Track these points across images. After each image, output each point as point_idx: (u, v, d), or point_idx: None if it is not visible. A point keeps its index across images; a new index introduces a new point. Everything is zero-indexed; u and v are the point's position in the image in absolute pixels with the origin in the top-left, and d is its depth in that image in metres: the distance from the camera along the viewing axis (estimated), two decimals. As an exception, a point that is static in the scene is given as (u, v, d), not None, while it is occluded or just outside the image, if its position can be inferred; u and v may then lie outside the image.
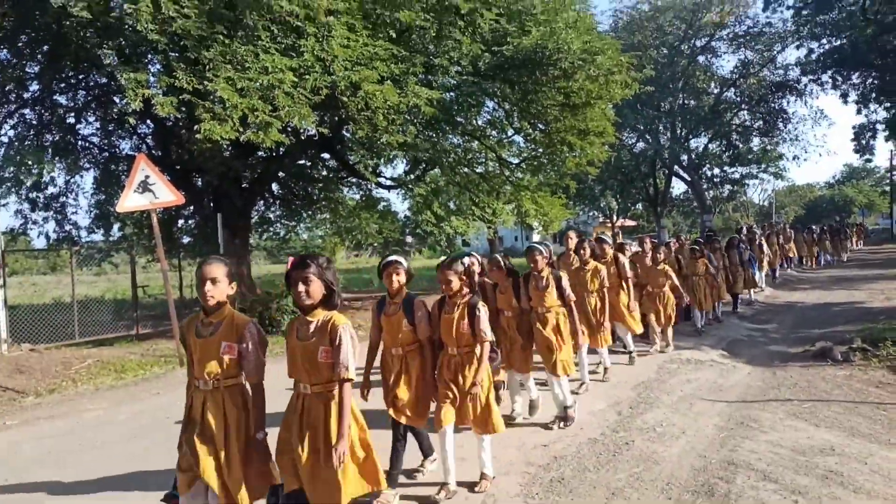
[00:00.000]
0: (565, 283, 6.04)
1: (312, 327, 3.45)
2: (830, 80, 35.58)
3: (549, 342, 5.93)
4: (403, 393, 4.42)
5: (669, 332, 9.68)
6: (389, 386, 4.51)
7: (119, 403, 7.85)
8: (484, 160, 18.07)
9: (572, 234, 8.17)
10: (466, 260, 5.23)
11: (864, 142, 38.72)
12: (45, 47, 12.80)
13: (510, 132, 18.09)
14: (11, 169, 13.50)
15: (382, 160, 16.51)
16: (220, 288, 3.42)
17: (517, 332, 6.05)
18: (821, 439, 5.50)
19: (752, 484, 4.61)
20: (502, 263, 6.10)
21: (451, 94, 14.74)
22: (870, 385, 7.27)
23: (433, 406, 4.59)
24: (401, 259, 4.61)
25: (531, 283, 6.09)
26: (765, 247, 17.54)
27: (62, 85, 14.21)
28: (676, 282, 9.70)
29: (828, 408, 6.43)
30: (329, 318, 3.46)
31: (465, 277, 4.71)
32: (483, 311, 4.55)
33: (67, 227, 16.21)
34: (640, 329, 8.73)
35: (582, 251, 7.54)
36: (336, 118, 13.10)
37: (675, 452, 5.34)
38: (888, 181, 55.18)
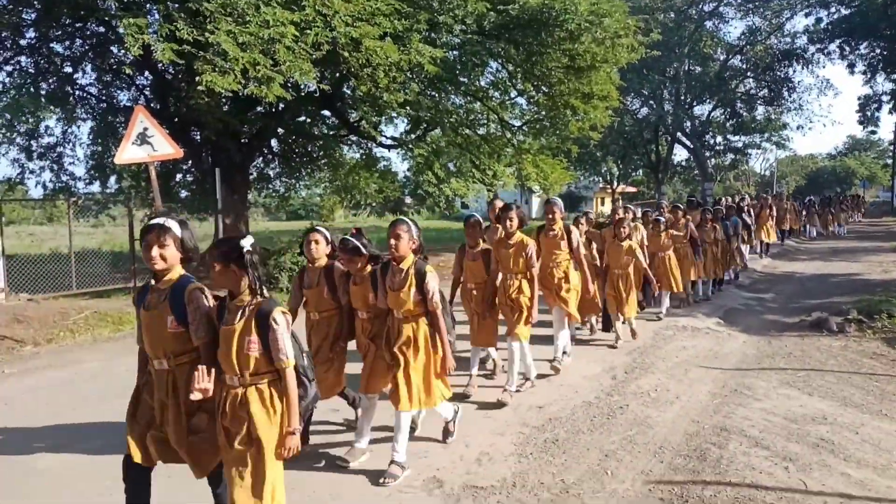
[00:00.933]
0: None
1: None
2: (838, 50, 35.19)
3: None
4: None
5: (618, 325, 8.13)
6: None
7: (117, 355, 7.88)
8: (486, 122, 17.88)
9: (498, 202, 6.94)
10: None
11: (868, 113, 38.45)
12: (43, -7, 12.52)
13: (513, 94, 17.88)
14: (7, 116, 13.30)
15: (383, 119, 16.31)
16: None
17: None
18: (813, 408, 5.55)
19: (744, 450, 4.66)
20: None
21: (455, 52, 14.51)
22: (864, 356, 7.31)
23: None
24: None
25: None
26: (748, 220, 15.59)
27: (59, 33, 13.92)
28: (644, 262, 8.14)
29: (821, 377, 6.47)
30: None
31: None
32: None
33: (64, 178, 16.07)
34: (577, 317, 6.98)
35: (508, 221, 5.80)
36: (337, 74, 12.90)
37: (668, 417, 5.39)
38: (891, 154, 54.87)
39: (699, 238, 10.82)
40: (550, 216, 6.63)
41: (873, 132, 45.61)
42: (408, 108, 13.93)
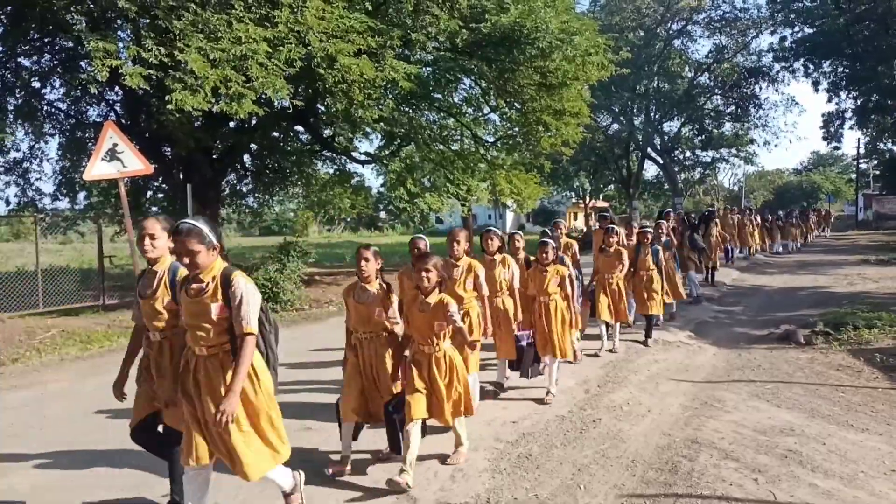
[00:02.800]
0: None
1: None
2: (802, 68, 36.15)
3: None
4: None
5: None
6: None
7: (85, 375, 7.74)
8: (459, 137, 18.02)
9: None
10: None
11: (832, 129, 39.45)
12: (9, 7, 12.36)
13: (486, 110, 18.05)
14: (-29, 132, 13.08)
15: (358, 134, 16.36)
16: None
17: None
18: (782, 420, 5.63)
19: (715, 462, 4.71)
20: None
21: (429, 69, 14.63)
22: (830, 368, 7.45)
23: None
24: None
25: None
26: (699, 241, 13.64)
27: (27, 47, 13.75)
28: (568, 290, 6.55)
29: (789, 389, 6.58)
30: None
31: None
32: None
33: (30, 194, 15.82)
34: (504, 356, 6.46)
35: (455, 244, 5.62)
36: (310, 91, 12.91)
37: (640, 431, 5.44)
38: (854, 169, 56.27)
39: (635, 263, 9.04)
40: (455, 245, 5.63)
41: (836, 148, 46.85)
42: (382, 123, 13.98)
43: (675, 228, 12.22)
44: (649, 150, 39.05)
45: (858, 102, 36.08)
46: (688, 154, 41.92)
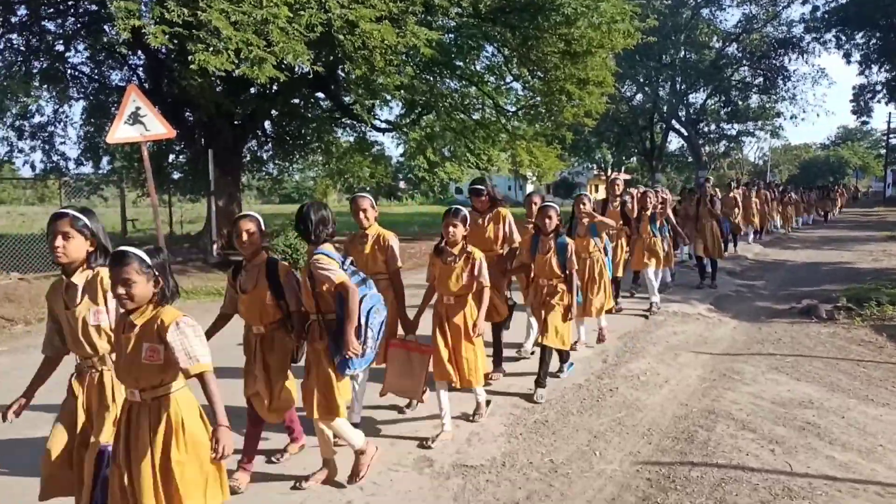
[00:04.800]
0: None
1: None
2: (834, 39, 35.16)
3: None
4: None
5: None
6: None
7: (108, 335, 7.87)
8: (481, 106, 17.81)
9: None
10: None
11: (862, 103, 38.55)
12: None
13: (508, 79, 17.80)
14: (-3, 95, 13.22)
15: (378, 102, 16.29)
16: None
17: None
18: (801, 392, 5.60)
19: (732, 432, 4.71)
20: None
21: (451, 35, 14.43)
22: (852, 343, 7.37)
23: None
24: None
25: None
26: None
27: (50, 10, 13.78)
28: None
29: (810, 363, 6.53)
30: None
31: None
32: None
33: (55, 158, 16.00)
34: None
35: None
36: (331, 57, 12.82)
37: (657, 400, 5.44)
38: (884, 144, 55.05)
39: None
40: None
41: (865, 122, 45.71)
42: (402, 91, 13.86)
43: (665, 200, 11.04)
44: (674, 121, 38.46)
45: (891, 75, 35.16)
46: (713, 127, 41.21)
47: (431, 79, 15.27)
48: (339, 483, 3.95)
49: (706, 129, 41.06)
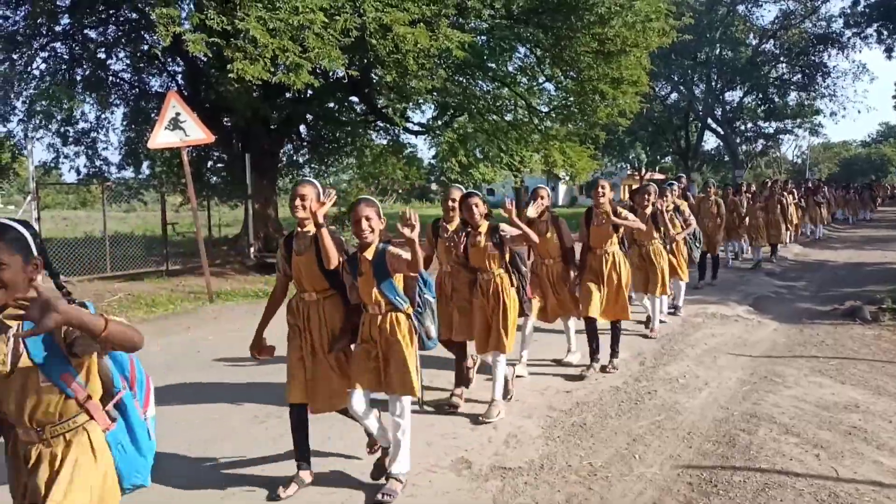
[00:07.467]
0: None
1: None
2: (875, 34, 34.21)
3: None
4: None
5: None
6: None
7: (150, 336, 7.99)
8: (513, 107, 17.76)
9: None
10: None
11: (906, 99, 37.42)
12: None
13: (541, 79, 17.72)
14: (43, 102, 13.57)
15: (410, 105, 16.33)
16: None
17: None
18: (846, 396, 5.49)
19: (774, 437, 4.63)
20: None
21: (483, 37, 14.44)
22: (898, 345, 7.20)
23: None
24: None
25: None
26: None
27: (93, 19, 14.15)
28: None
29: (854, 366, 6.39)
30: None
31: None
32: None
33: (98, 163, 16.39)
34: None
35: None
36: (365, 61, 12.94)
37: (697, 403, 5.38)
38: (928, 141, 53.54)
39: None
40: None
41: (909, 119, 44.41)
42: (435, 94, 13.91)
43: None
44: (709, 120, 37.86)
45: (935, 70, 34.17)
46: (749, 125, 40.47)
47: (464, 81, 15.29)
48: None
49: (742, 127, 40.35)
